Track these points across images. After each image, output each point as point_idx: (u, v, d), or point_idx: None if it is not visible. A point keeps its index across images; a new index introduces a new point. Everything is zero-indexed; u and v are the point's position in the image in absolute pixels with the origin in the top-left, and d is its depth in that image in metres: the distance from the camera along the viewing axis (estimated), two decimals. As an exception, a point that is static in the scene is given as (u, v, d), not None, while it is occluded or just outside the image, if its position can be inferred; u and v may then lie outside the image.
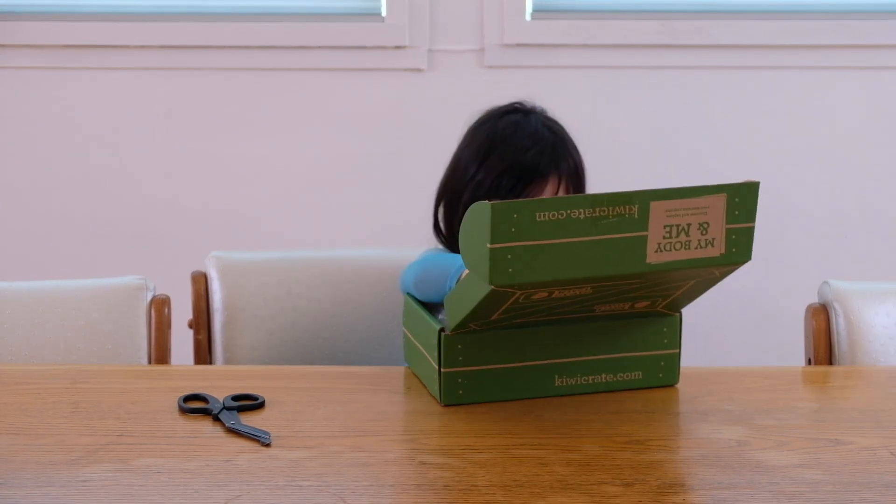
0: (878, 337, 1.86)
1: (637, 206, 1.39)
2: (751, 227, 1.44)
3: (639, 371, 1.58)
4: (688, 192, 1.41)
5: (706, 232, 1.42)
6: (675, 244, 1.41)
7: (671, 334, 1.59)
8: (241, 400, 1.54)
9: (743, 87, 2.81)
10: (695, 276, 1.46)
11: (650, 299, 1.52)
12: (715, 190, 1.42)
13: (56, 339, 1.87)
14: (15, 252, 2.85)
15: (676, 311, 1.58)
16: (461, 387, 1.52)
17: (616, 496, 1.25)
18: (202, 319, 2.01)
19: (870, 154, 2.84)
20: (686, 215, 1.41)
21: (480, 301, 1.42)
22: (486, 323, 1.49)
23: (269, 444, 1.39)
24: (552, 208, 1.36)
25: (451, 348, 1.51)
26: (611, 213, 1.38)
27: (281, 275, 2.02)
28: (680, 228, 1.41)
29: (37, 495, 1.25)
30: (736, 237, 1.44)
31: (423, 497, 1.26)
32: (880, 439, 1.42)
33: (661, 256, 1.40)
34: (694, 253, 1.42)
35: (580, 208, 1.37)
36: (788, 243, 2.86)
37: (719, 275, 1.48)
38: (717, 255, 1.43)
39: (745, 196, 1.43)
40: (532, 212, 1.35)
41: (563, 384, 1.56)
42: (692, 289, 1.51)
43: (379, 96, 2.79)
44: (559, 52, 2.78)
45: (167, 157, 2.84)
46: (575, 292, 1.44)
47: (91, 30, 2.78)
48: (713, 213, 1.42)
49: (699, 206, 1.41)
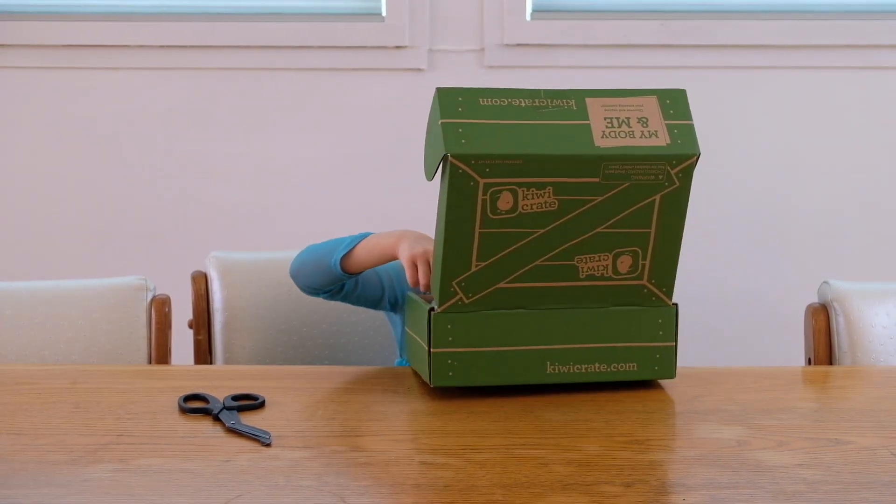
0: (878, 337, 1.86)
1: (573, 100, 1.50)
2: (690, 124, 1.52)
3: (634, 363, 1.58)
4: (619, 92, 1.52)
5: (647, 125, 1.50)
6: (619, 132, 1.49)
7: (667, 326, 1.59)
8: (241, 400, 1.54)
9: (743, 87, 2.81)
10: (652, 178, 1.49)
11: (625, 244, 1.53)
12: (645, 92, 1.53)
13: (56, 339, 1.87)
14: (15, 252, 2.85)
15: (663, 274, 1.57)
16: (451, 368, 1.53)
17: (616, 496, 1.25)
18: (202, 319, 2.02)
19: (870, 154, 2.84)
20: (623, 110, 1.51)
21: (448, 199, 1.46)
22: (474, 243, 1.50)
23: (269, 444, 1.39)
24: (494, 95, 1.50)
25: (441, 328, 1.53)
26: (550, 104, 1.50)
27: (281, 275, 2.02)
28: (620, 120, 1.50)
29: (37, 495, 1.25)
30: (678, 132, 1.51)
31: (423, 497, 1.26)
32: (880, 439, 1.42)
33: (608, 142, 1.48)
34: (640, 141, 1.49)
35: (520, 98, 1.50)
36: (788, 243, 2.86)
37: (677, 180, 1.50)
38: (663, 145, 1.49)
39: (676, 99, 1.53)
40: (475, 96, 1.49)
41: (556, 371, 1.56)
42: (663, 219, 1.52)
43: (379, 96, 2.79)
44: (559, 52, 2.78)
45: (167, 157, 2.84)
46: (540, 201, 1.47)
47: (91, 30, 2.78)
48: (648, 110, 1.51)
49: (633, 103, 1.52)
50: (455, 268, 1.51)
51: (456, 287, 1.52)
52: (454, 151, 1.45)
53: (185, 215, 2.85)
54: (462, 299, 1.53)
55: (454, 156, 1.45)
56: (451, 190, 1.46)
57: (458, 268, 1.51)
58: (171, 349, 1.93)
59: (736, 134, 2.81)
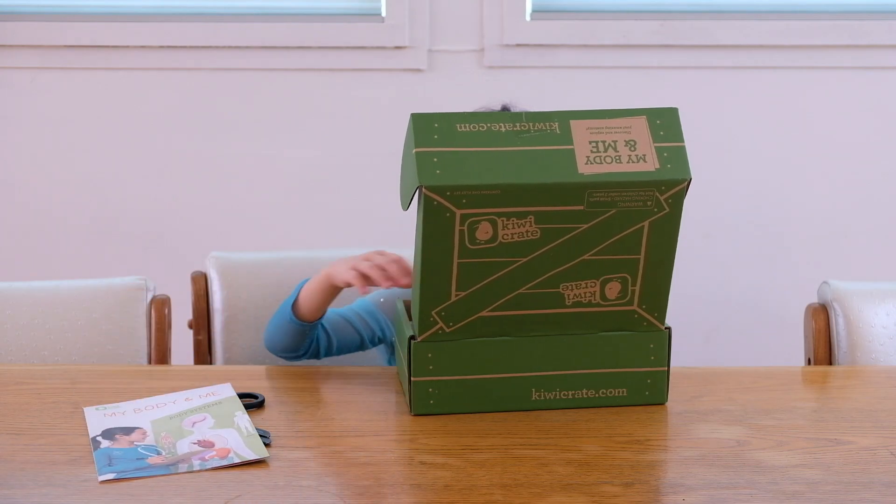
0: (877, 337, 1.86)
1: (557, 123, 1.42)
2: (681, 146, 1.44)
3: (623, 388, 1.52)
4: (606, 113, 1.44)
5: (634, 148, 1.42)
6: (604, 157, 1.41)
7: (658, 351, 1.52)
8: (242, 399, 1.54)
9: (743, 87, 2.81)
10: (640, 205, 1.41)
11: (614, 271, 1.46)
12: (634, 112, 1.44)
13: (56, 339, 1.87)
14: (15, 252, 2.85)
15: (654, 298, 1.50)
16: (432, 396, 1.49)
17: (616, 496, 1.25)
18: (202, 319, 2.01)
19: (870, 154, 2.84)
20: (610, 132, 1.42)
21: (423, 231, 1.40)
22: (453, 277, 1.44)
23: (269, 444, 1.39)
24: (472, 120, 1.42)
25: (422, 356, 1.48)
26: (532, 128, 1.42)
27: (281, 275, 2.02)
28: (607, 144, 1.41)
29: (37, 495, 1.25)
30: (668, 155, 1.42)
31: (423, 497, 1.26)
32: (880, 439, 1.42)
33: (592, 168, 1.40)
34: (627, 167, 1.40)
35: (500, 122, 1.42)
36: (788, 243, 2.86)
37: (667, 206, 1.42)
38: (652, 170, 1.41)
39: (667, 119, 1.44)
40: (452, 122, 1.41)
41: (541, 398, 1.51)
42: (653, 244, 1.45)
43: (379, 96, 2.79)
44: (559, 52, 2.78)
45: (167, 157, 2.84)
46: (521, 230, 1.41)
47: (91, 30, 2.78)
48: (637, 132, 1.43)
49: (621, 125, 1.43)
50: (434, 298, 1.45)
51: (436, 316, 1.47)
52: (428, 183, 1.38)
53: (185, 215, 2.85)
54: (443, 328, 1.48)
55: (428, 188, 1.38)
56: (426, 222, 1.40)
57: (437, 298, 1.45)
58: (171, 349, 1.93)
59: (735, 134, 2.81)
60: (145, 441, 1.41)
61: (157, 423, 1.47)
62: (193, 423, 1.47)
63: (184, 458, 1.36)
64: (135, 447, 1.39)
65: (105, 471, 1.32)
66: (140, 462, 1.35)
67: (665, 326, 1.52)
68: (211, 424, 1.46)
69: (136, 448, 1.39)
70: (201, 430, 1.44)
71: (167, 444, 1.40)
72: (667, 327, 1.53)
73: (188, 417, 1.48)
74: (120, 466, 1.33)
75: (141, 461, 1.35)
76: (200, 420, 1.48)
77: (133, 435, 1.43)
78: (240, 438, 1.40)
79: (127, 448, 1.39)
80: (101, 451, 1.38)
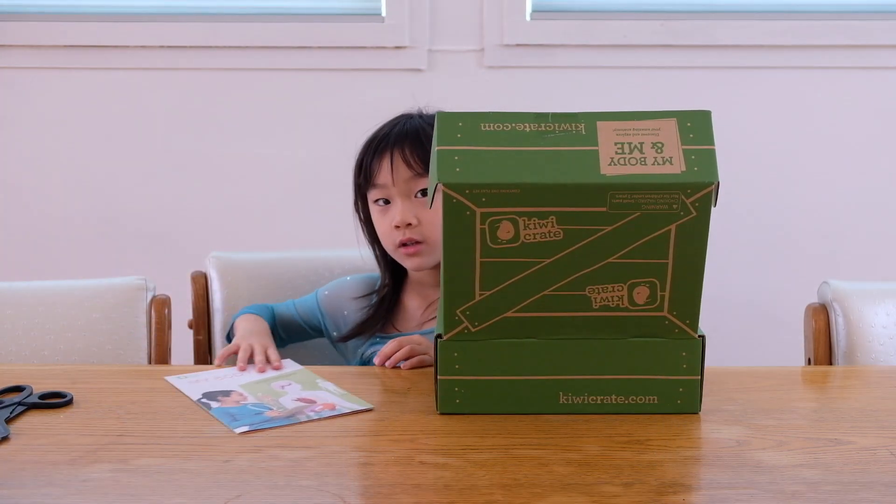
0: (877, 337, 1.86)
1: (583, 123, 1.41)
2: (711, 149, 1.40)
3: (654, 395, 1.50)
4: (635, 115, 1.42)
5: (661, 150, 1.40)
6: (629, 159, 1.39)
7: (691, 359, 1.49)
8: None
9: (743, 87, 2.81)
10: (665, 207, 1.40)
11: (641, 275, 1.44)
12: (664, 114, 1.42)
13: (56, 339, 1.87)
14: (15, 252, 2.85)
15: (685, 305, 1.48)
16: (458, 395, 1.49)
17: (616, 496, 1.25)
18: (202, 319, 2.02)
19: (870, 154, 2.84)
20: (637, 134, 1.40)
21: (445, 228, 1.40)
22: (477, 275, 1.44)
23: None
24: (496, 120, 1.42)
25: (447, 355, 1.49)
26: (557, 128, 1.41)
27: (281, 275, 2.02)
28: (633, 146, 1.40)
29: (37, 495, 1.25)
30: (696, 157, 1.39)
31: (423, 497, 1.26)
32: (880, 439, 1.42)
33: (615, 169, 1.38)
34: (651, 169, 1.38)
35: (525, 122, 1.42)
36: (788, 243, 2.86)
37: (694, 210, 1.40)
38: (678, 173, 1.38)
39: (698, 121, 1.42)
40: (477, 121, 1.42)
41: (569, 402, 1.50)
42: (682, 249, 1.43)
43: (379, 96, 2.79)
44: (559, 52, 2.78)
45: (167, 157, 2.84)
46: (543, 231, 1.40)
47: (91, 30, 2.79)
48: (665, 134, 1.41)
49: (649, 127, 1.41)
50: (459, 296, 1.46)
51: (461, 315, 1.47)
52: (447, 181, 1.38)
53: (185, 215, 2.85)
54: (468, 328, 1.48)
55: (447, 185, 1.38)
56: (447, 219, 1.40)
57: (461, 296, 1.46)
58: (171, 349, 1.93)
59: (736, 134, 2.81)
60: (248, 401, 1.49)
61: (246, 386, 1.55)
62: (282, 386, 1.56)
63: (298, 410, 1.45)
64: (244, 405, 1.47)
65: (236, 425, 1.40)
66: (261, 416, 1.43)
67: (699, 335, 1.50)
68: (299, 388, 1.55)
69: (246, 406, 1.47)
70: (294, 391, 1.53)
71: (273, 403, 1.49)
72: (700, 335, 1.50)
73: (275, 382, 1.57)
74: (247, 420, 1.42)
75: (260, 415, 1.44)
76: (287, 385, 1.56)
77: (233, 396, 1.50)
78: (336, 396, 1.51)
79: (239, 406, 1.47)
80: (218, 409, 1.46)
